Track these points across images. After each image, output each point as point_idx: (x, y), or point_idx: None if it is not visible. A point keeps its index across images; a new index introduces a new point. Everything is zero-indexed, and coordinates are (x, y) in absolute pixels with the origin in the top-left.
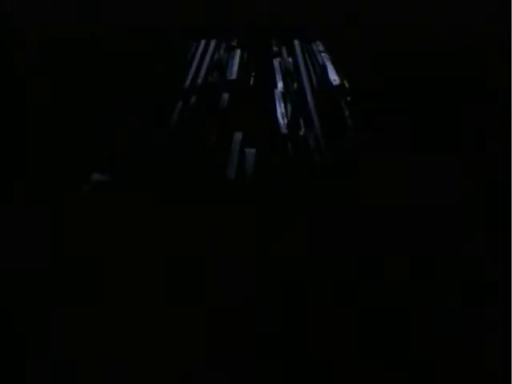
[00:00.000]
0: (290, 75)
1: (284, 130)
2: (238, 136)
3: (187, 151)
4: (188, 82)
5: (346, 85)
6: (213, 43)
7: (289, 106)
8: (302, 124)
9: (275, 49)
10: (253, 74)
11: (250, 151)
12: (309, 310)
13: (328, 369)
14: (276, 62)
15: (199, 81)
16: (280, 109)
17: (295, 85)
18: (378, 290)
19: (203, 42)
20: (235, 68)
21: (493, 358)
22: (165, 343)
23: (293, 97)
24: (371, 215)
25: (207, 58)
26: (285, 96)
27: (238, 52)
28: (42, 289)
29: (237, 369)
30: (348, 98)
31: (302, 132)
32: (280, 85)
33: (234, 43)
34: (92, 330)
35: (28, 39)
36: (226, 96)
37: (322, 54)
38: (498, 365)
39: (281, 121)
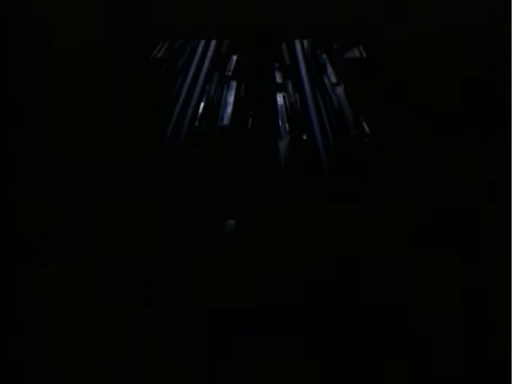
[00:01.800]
0: (298, 122)
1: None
2: (231, 223)
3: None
4: (169, 131)
5: (367, 129)
6: (203, 72)
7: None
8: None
9: (278, 81)
10: (251, 112)
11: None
12: None
13: None
14: (280, 98)
15: (182, 132)
16: (286, 171)
17: (304, 136)
18: (377, 292)
19: (192, 71)
20: (229, 110)
21: (493, 358)
22: None
23: (303, 155)
24: (377, 214)
25: (195, 94)
26: (291, 152)
27: (234, 85)
28: None
29: None
30: (366, 139)
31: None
32: (285, 135)
33: (229, 72)
34: None
35: (28, 37)
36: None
37: (336, 88)
38: (498, 365)
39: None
